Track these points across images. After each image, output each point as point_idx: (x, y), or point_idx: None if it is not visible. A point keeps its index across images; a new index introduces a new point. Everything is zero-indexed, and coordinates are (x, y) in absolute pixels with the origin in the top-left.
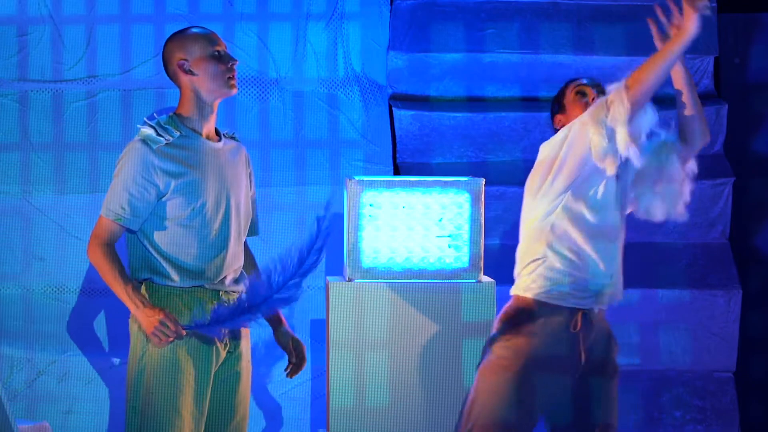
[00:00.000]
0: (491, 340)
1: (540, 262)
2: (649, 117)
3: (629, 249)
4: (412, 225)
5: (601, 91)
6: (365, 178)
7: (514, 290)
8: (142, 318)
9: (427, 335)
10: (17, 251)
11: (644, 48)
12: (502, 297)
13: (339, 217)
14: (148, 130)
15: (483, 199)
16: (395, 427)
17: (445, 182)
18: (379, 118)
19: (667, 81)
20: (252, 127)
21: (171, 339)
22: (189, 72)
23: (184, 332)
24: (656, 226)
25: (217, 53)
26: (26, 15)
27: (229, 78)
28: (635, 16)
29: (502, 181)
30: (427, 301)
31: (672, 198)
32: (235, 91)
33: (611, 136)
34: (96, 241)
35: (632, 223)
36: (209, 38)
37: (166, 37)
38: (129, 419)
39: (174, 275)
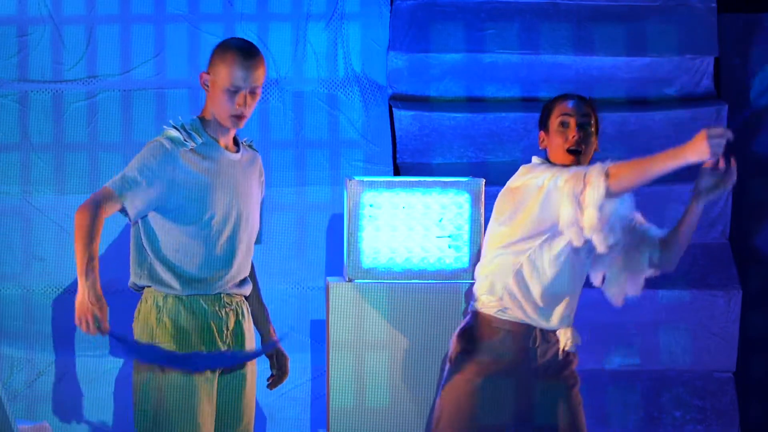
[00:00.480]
0: (453, 358)
1: (498, 298)
2: (626, 206)
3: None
4: (412, 225)
5: (587, 114)
6: (365, 179)
7: (473, 307)
8: (79, 299)
9: (427, 335)
10: (17, 251)
11: (644, 48)
12: None
13: (339, 218)
14: (174, 132)
15: (483, 199)
16: (395, 427)
17: (445, 182)
18: (379, 119)
19: (666, 82)
20: (252, 127)
21: (92, 333)
22: (206, 86)
23: (105, 332)
24: (656, 225)
25: (233, 89)
26: (26, 15)
27: (235, 117)
28: (635, 16)
29: (502, 182)
30: (427, 302)
31: (631, 287)
32: (238, 127)
33: (580, 212)
34: (89, 203)
35: None
36: (240, 69)
37: (166, 37)
38: (139, 421)
39: (175, 284)
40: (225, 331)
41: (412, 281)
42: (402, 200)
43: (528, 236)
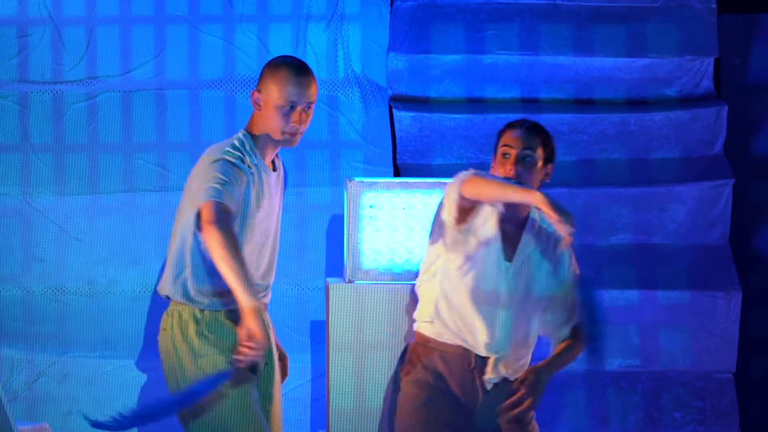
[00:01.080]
0: (400, 372)
1: (429, 320)
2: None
3: (629, 250)
4: (412, 226)
5: (530, 147)
6: (365, 180)
7: (415, 326)
8: (256, 326)
9: None
10: (17, 252)
11: (644, 49)
12: None
13: (339, 219)
14: (235, 153)
15: None
16: None
17: (445, 184)
18: (379, 120)
19: (666, 83)
20: None
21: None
22: (257, 105)
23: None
24: (656, 227)
25: (288, 106)
26: (26, 16)
27: (290, 134)
28: (635, 17)
29: None
30: None
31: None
32: (291, 145)
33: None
34: (209, 225)
35: (632, 223)
36: (293, 86)
37: (166, 38)
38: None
39: (209, 299)
40: None
41: (412, 282)
42: (402, 201)
43: (439, 255)
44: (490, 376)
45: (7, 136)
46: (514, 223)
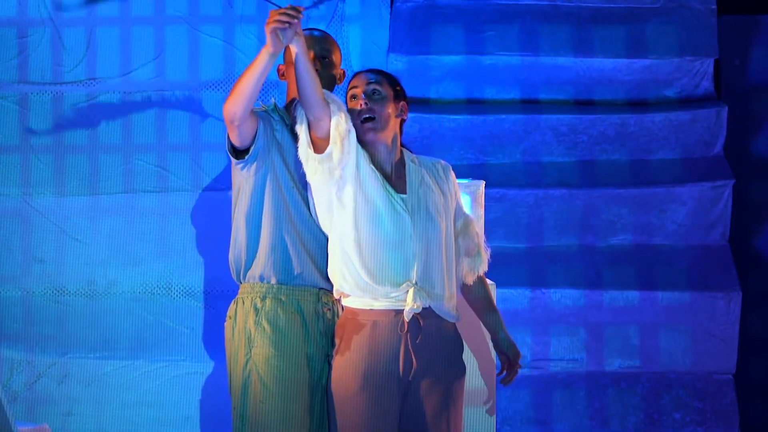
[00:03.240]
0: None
1: (339, 287)
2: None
3: (630, 250)
4: None
5: (376, 82)
6: None
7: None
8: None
9: None
10: (17, 253)
11: (644, 50)
12: (502, 299)
13: None
14: None
15: (483, 201)
16: None
17: None
18: None
19: (666, 84)
20: None
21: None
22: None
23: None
24: (656, 227)
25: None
26: (26, 17)
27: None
28: (635, 18)
29: (503, 184)
30: None
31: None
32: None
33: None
34: None
35: (632, 224)
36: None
37: (166, 39)
38: (237, 427)
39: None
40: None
41: None
42: None
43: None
44: (410, 306)
45: (7, 137)
46: (394, 159)
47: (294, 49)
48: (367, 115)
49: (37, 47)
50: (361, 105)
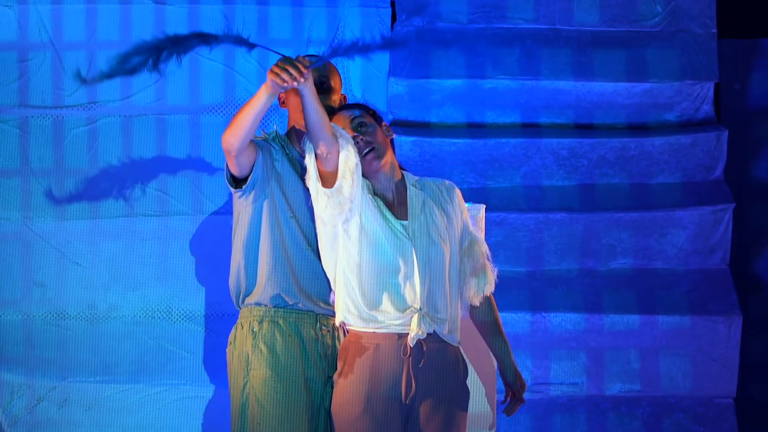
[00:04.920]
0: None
1: (345, 309)
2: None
3: (630, 274)
4: None
5: (358, 116)
6: None
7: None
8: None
9: None
10: (17, 277)
11: (644, 74)
12: (503, 323)
13: None
14: None
15: (483, 225)
16: None
17: None
18: None
19: (666, 107)
20: None
21: (288, 77)
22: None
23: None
24: (656, 252)
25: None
26: (27, 41)
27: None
28: (635, 42)
29: (503, 207)
30: None
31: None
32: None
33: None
34: None
35: (632, 248)
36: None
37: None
38: None
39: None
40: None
41: None
42: None
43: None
44: (415, 332)
45: (8, 161)
46: (395, 184)
47: (303, 91)
48: (368, 149)
49: (37, 71)
50: (357, 142)
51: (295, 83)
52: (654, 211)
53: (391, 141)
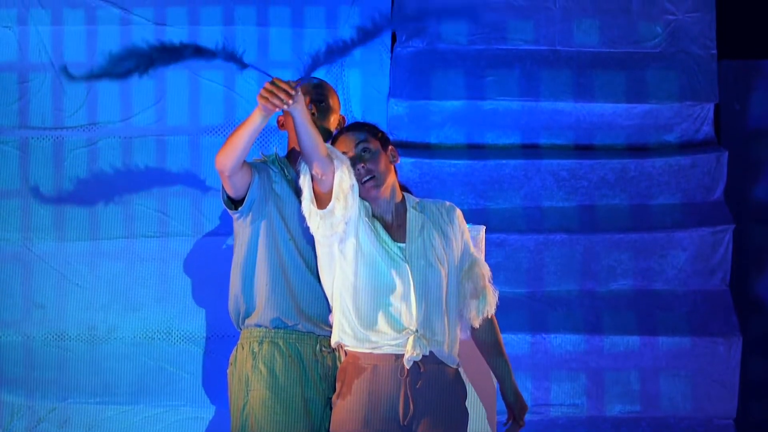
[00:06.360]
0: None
1: (341, 331)
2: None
3: (630, 296)
4: None
5: (362, 140)
6: None
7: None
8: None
9: None
10: (17, 298)
11: (644, 95)
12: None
13: None
14: None
15: (483, 246)
16: None
17: None
18: None
19: (666, 128)
20: None
21: (279, 102)
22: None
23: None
24: (656, 273)
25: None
26: (27, 62)
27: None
28: (635, 63)
29: (503, 229)
30: None
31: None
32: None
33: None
34: None
35: (632, 269)
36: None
37: (167, 84)
38: None
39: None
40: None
41: None
42: None
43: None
44: (410, 354)
45: (8, 182)
46: (395, 207)
47: (294, 113)
48: (368, 177)
49: (37, 92)
50: (358, 170)
51: (285, 106)
52: (654, 232)
53: (395, 165)
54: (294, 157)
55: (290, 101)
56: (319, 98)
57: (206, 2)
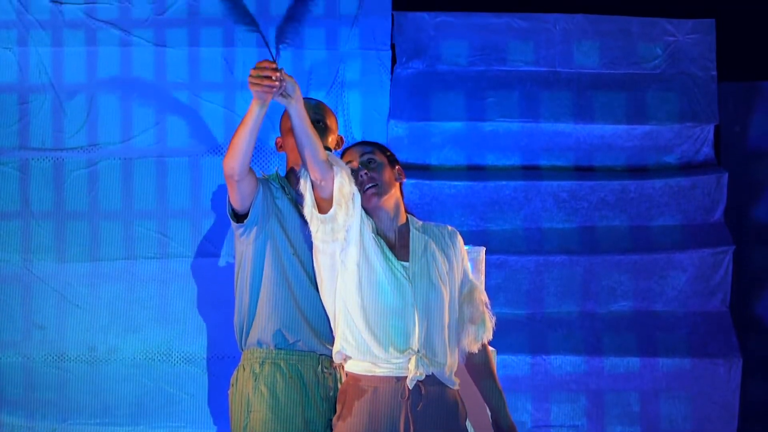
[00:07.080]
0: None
1: (340, 351)
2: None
3: (630, 317)
4: None
5: (368, 152)
6: None
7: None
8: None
9: None
10: (18, 319)
11: (644, 116)
12: (503, 365)
13: None
14: None
15: (484, 267)
16: None
17: None
18: None
19: (666, 150)
20: None
21: (268, 81)
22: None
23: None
24: (656, 294)
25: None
26: (27, 83)
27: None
28: (635, 85)
29: (503, 250)
30: None
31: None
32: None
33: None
34: None
35: (632, 290)
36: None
37: (167, 105)
38: None
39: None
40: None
41: None
42: None
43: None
44: (413, 374)
45: (8, 203)
46: (398, 226)
47: (291, 111)
48: (369, 185)
49: (38, 113)
50: (361, 176)
51: (278, 83)
52: (654, 253)
53: (400, 185)
54: (294, 177)
55: (278, 74)
56: (316, 118)
57: (206, 23)
